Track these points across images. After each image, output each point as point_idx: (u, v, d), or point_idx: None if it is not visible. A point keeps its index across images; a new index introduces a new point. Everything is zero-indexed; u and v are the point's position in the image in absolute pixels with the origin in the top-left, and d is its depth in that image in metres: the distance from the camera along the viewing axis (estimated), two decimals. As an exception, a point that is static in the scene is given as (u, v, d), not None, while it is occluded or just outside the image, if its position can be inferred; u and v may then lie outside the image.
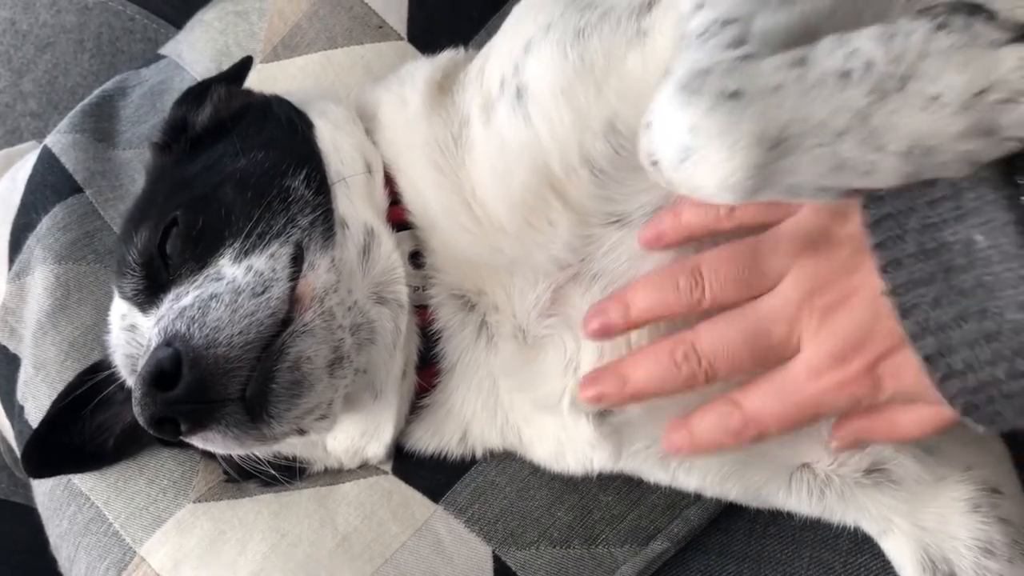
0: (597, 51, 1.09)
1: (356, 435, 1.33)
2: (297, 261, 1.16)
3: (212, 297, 1.10)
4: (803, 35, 0.92)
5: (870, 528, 1.25)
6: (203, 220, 1.20)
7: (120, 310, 1.29)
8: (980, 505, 1.20)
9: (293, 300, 1.12)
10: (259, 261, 1.14)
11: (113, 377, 1.36)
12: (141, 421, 1.07)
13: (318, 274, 1.16)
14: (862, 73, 0.84)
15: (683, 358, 1.05)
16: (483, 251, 1.20)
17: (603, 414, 1.21)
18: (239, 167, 1.25)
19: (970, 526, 1.19)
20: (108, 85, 1.85)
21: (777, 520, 1.33)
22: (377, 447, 1.33)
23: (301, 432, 1.16)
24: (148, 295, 1.23)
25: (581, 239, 1.15)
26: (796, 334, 1.01)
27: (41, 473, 1.49)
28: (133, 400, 1.07)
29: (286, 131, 1.31)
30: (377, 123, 1.34)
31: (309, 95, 1.42)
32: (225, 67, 1.68)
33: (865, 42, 0.86)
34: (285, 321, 1.11)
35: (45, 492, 1.53)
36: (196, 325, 1.07)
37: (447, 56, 1.38)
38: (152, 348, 1.09)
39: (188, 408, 1.06)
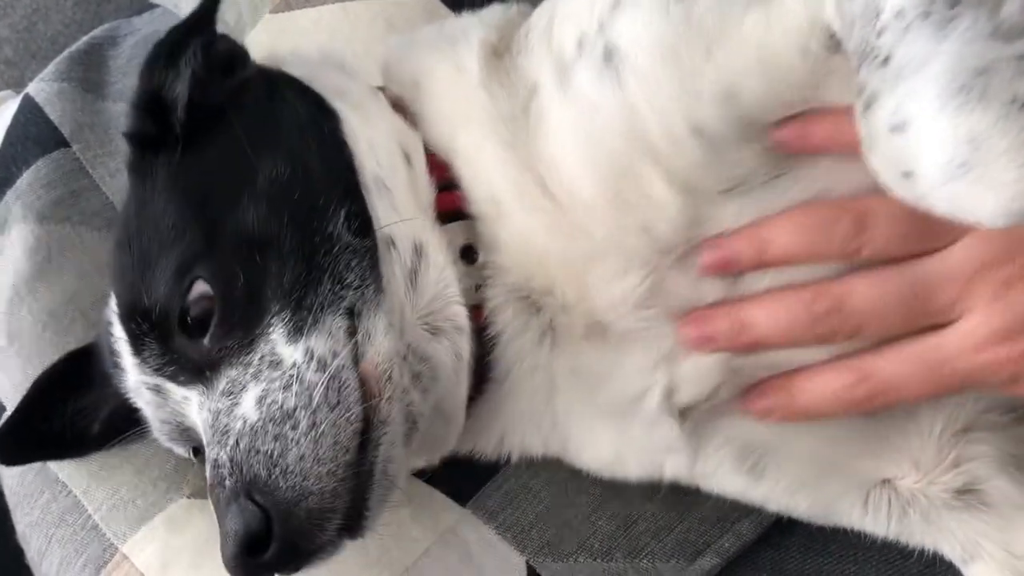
0: (708, 9, 0.96)
1: (416, 461, 1.21)
2: (352, 333, 1.03)
3: (285, 418, 0.97)
4: None
5: (952, 553, 1.14)
6: (240, 280, 1.03)
7: (132, 360, 1.12)
8: None
9: (361, 390, 1.00)
10: (317, 342, 1.00)
11: (99, 359, 1.23)
12: None
13: (377, 345, 1.02)
14: None
15: (825, 312, 0.98)
16: (563, 235, 1.06)
17: (685, 411, 1.09)
18: (262, 191, 1.06)
19: None
20: (97, 33, 1.71)
21: (838, 536, 1.22)
22: (431, 460, 1.21)
23: None
24: (179, 367, 1.07)
25: (690, 220, 1.02)
26: (963, 302, 0.96)
27: (15, 460, 1.35)
28: (224, 562, 0.96)
29: (308, 131, 1.13)
30: (422, 92, 1.18)
31: (314, 65, 1.24)
32: (231, 18, 1.55)
33: None
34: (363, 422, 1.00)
35: (15, 475, 1.39)
36: (278, 471, 0.95)
37: (499, 13, 1.22)
38: (229, 492, 0.96)
39: (283, 566, 0.97)
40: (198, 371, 1.04)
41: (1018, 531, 1.10)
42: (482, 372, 1.12)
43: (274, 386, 0.99)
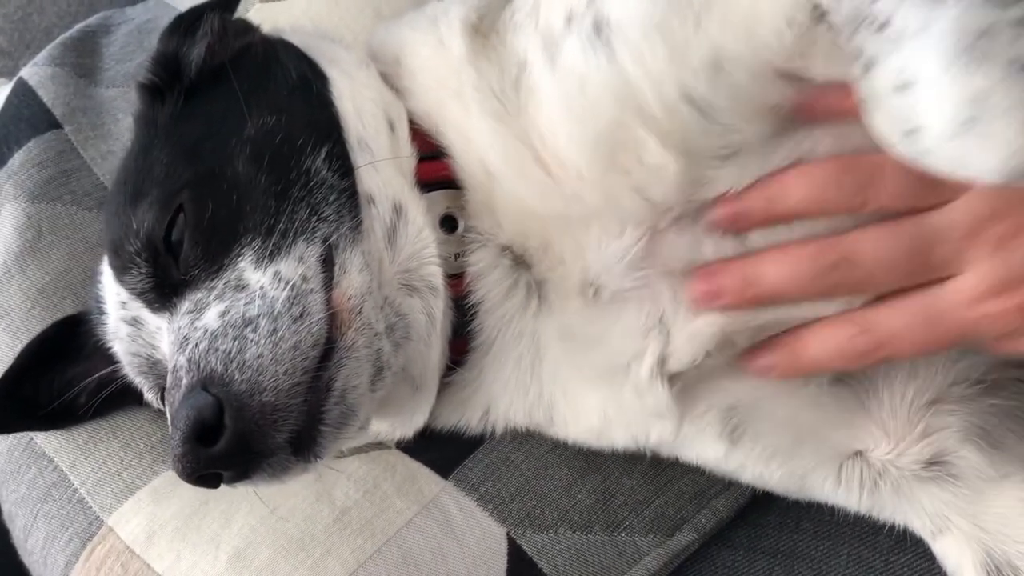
0: None
1: (385, 427, 1.23)
2: (327, 263, 1.05)
3: (246, 323, 0.98)
4: None
5: (922, 527, 1.15)
6: (215, 209, 1.06)
7: (119, 295, 1.15)
8: None
9: (329, 312, 1.01)
10: (286, 266, 1.02)
11: (89, 329, 1.23)
12: (180, 477, 0.97)
13: (351, 279, 1.04)
14: None
15: (831, 265, 1.00)
16: (556, 202, 1.08)
17: (674, 377, 1.11)
18: (249, 136, 1.11)
19: None
20: (91, 21, 1.74)
21: (811, 513, 1.23)
22: (405, 431, 1.23)
23: None
24: (157, 293, 1.09)
25: (690, 181, 1.03)
26: (962, 257, 0.97)
27: (3, 428, 1.36)
28: (172, 454, 0.96)
29: (298, 89, 1.17)
30: (403, 68, 1.20)
31: (311, 36, 1.29)
32: (223, 8, 1.57)
33: None
34: (327, 340, 1.00)
35: (1, 452, 1.40)
36: (235, 365, 0.96)
37: None
38: (184, 389, 0.97)
39: (232, 462, 0.96)
40: (170, 296, 1.07)
41: (985, 503, 1.11)
42: (464, 343, 1.14)
43: (238, 304, 1.00)
